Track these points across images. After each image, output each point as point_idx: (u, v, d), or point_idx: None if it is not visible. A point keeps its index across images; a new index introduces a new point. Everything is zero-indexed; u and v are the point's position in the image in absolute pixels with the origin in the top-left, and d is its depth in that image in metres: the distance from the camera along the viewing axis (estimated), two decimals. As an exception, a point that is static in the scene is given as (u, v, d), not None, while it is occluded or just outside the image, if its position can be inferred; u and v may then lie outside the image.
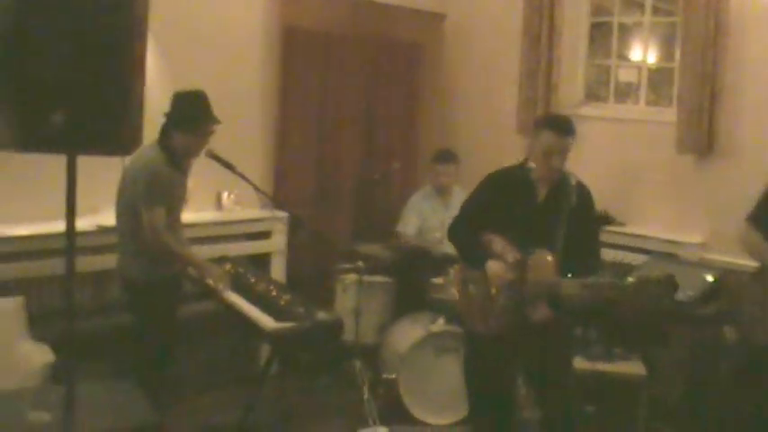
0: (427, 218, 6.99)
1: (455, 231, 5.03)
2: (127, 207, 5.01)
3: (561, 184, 4.62)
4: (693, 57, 6.41)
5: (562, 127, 4.70)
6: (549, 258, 4.47)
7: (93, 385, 3.95)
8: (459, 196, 6.98)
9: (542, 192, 4.72)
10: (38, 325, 5.42)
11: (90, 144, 3.42)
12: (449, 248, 6.75)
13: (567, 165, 4.70)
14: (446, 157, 7.05)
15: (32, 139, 3.35)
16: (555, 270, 4.46)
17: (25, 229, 5.54)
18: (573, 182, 4.59)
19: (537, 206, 4.70)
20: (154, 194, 4.91)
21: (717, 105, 6.41)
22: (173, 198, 5.09)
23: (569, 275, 4.45)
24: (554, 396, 4.78)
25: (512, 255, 4.59)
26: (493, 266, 4.67)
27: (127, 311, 5.42)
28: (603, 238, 6.00)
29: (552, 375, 4.75)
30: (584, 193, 4.70)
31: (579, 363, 5.63)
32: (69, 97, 3.31)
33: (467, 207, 5.04)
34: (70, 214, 3.54)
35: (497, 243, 4.69)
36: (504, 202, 4.74)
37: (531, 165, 4.66)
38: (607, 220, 6.73)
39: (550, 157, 4.62)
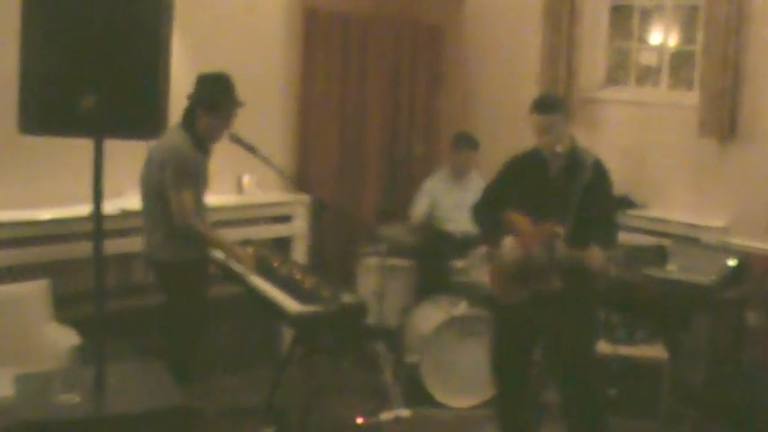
0: (441, 199, 6.95)
1: (476, 211, 5.21)
2: (153, 190, 5.03)
3: (574, 161, 4.74)
4: (716, 40, 6.37)
5: (540, 105, 4.85)
6: (557, 230, 4.60)
7: (120, 367, 3.99)
8: (476, 180, 7.00)
9: (554, 168, 4.82)
10: (64, 308, 5.47)
11: (117, 128, 3.45)
12: (466, 228, 6.81)
13: (590, 146, 4.80)
14: (465, 143, 7.04)
15: (60, 123, 3.38)
16: (562, 242, 4.58)
17: (51, 213, 5.58)
18: (590, 159, 4.73)
19: (549, 182, 4.82)
20: (181, 178, 4.93)
21: (739, 89, 6.36)
22: (198, 181, 5.12)
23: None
24: (572, 377, 4.83)
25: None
26: (507, 242, 4.82)
27: (153, 293, 5.46)
28: (624, 221, 6.02)
29: (570, 356, 4.80)
30: (601, 171, 4.80)
31: (602, 346, 5.64)
32: (97, 82, 3.34)
33: (487, 188, 5.25)
34: (97, 198, 3.57)
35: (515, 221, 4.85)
36: (521, 180, 4.94)
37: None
38: (628, 203, 6.73)
39: (539, 136, 4.80)
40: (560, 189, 4.71)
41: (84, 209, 5.06)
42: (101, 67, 3.33)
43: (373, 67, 7.46)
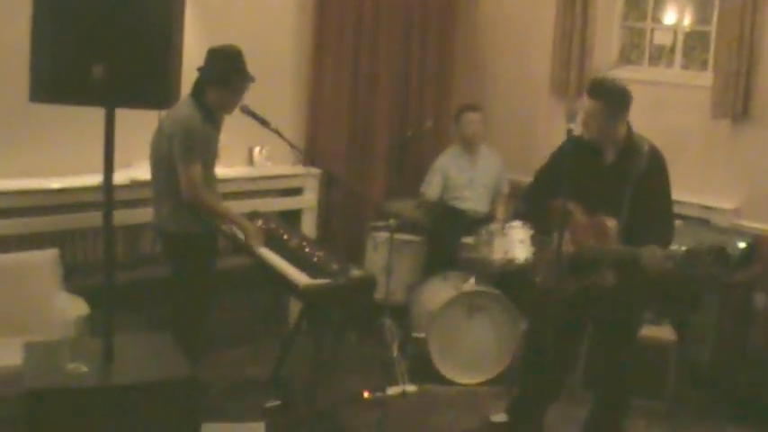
0: (454, 177, 6.92)
1: (525, 198, 5.17)
2: (163, 162, 5.02)
3: (630, 150, 4.58)
4: (731, 21, 6.33)
5: (589, 89, 4.67)
6: (610, 224, 4.49)
7: (128, 337, 4.01)
8: (487, 156, 6.99)
9: (610, 157, 4.66)
10: (73, 277, 5.48)
11: (128, 97, 3.46)
12: (476, 207, 6.80)
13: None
14: (465, 108, 7.01)
15: (71, 92, 3.38)
16: (615, 236, 4.48)
17: (60, 182, 5.58)
18: (645, 148, 4.56)
19: (604, 171, 4.65)
20: (191, 150, 4.92)
21: (753, 70, 6.32)
22: (208, 153, 5.11)
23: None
24: (612, 366, 4.86)
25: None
26: (564, 236, 4.66)
27: (161, 264, 5.47)
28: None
29: (614, 348, 4.80)
30: (656, 159, 4.60)
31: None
32: (108, 51, 3.33)
33: (538, 175, 5.07)
34: (108, 167, 3.57)
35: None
36: (574, 167, 4.54)
37: None
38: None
39: (584, 122, 4.62)
40: (614, 179, 4.52)
41: (94, 178, 5.10)
42: (113, 37, 3.32)
43: (384, 41, 7.42)
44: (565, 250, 4.62)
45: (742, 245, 5.95)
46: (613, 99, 4.60)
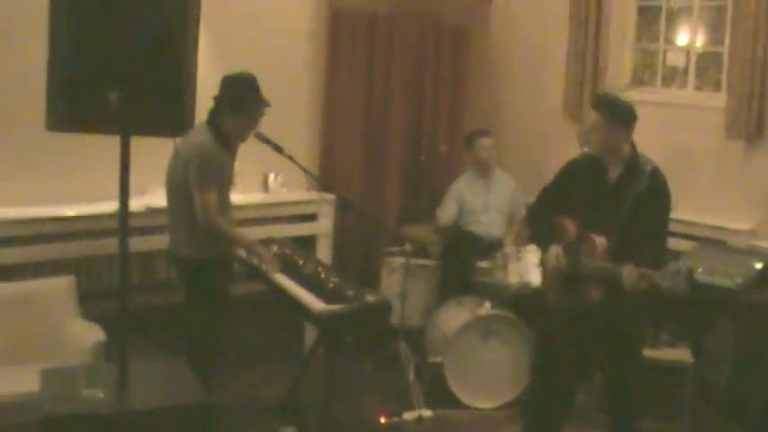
0: (469, 202, 6.92)
1: (530, 215, 5.22)
2: (178, 188, 5.04)
3: (633, 169, 4.61)
4: (744, 42, 6.34)
5: (592, 103, 4.78)
6: (599, 241, 4.51)
7: (143, 363, 4.01)
8: (501, 179, 7.00)
9: (613, 175, 4.68)
10: (89, 304, 5.50)
11: (143, 125, 3.46)
12: (491, 231, 6.80)
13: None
14: (475, 134, 7.04)
15: (87, 121, 3.39)
16: (602, 254, 4.49)
17: (76, 210, 5.61)
18: (648, 168, 4.59)
19: (606, 189, 4.67)
20: (206, 177, 4.94)
21: (767, 91, 6.33)
22: (223, 180, 5.13)
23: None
24: (614, 388, 4.86)
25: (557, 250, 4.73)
26: (551, 251, 4.77)
27: (176, 291, 5.49)
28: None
29: (613, 368, 4.81)
30: (658, 181, 4.62)
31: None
32: (124, 78, 3.35)
33: (543, 191, 5.11)
34: (123, 194, 3.58)
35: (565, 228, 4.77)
36: (578, 185, 4.70)
37: None
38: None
39: (588, 136, 4.69)
40: (614, 198, 4.57)
41: (109, 206, 5.12)
42: (128, 65, 3.34)
43: (398, 66, 7.46)
44: (555, 266, 4.72)
45: (758, 265, 5.93)
46: (614, 111, 4.64)
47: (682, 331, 5.97)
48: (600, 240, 4.51)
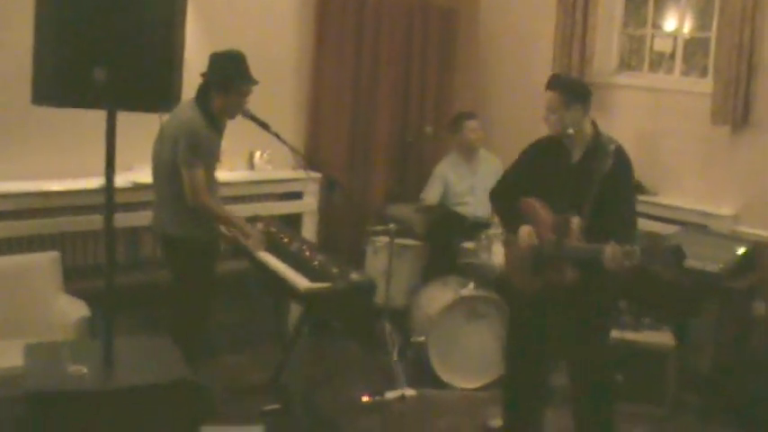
0: (454, 184, 6.96)
1: (495, 196, 5.14)
2: (165, 165, 5.02)
3: (596, 149, 4.62)
4: (731, 28, 6.35)
5: (548, 82, 4.76)
6: (574, 222, 4.50)
7: (128, 340, 4.02)
8: (486, 160, 7.02)
9: (576, 155, 4.69)
10: (73, 280, 5.50)
11: (130, 100, 3.46)
12: (477, 212, 6.82)
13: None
14: (462, 116, 7.07)
15: (73, 95, 3.39)
16: (578, 234, 4.49)
17: (61, 185, 5.60)
18: (611, 147, 4.58)
19: (570, 169, 4.68)
20: (194, 154, 4.92)
21: (753, 77, 6.34)
22: (210, 157, 5.12)
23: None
24: (581, 367, 4.80)
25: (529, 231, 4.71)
26: (523, 230, 4.74)
27: (162, 268, 5.48)
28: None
29: (582, 351, 4.76)
30: (622, 159, 4.63)
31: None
32: (110, 53, 3.34)
33: (508, 172, 5.14)
34: (109, 169, 3.58)
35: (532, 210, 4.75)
36: (542, 166, 4.78)
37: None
38: (639, 189, 6.71)
39: (545, 117, 4.70)
40: (580, 177, 4.57)
41: (95, 182, 5.11)
42: (114, 40, 3.33)
43: (386, 48, 7.44)
44: (528, 246, 4.70)
45: (741, 251, 5.97)
46: (568, 89, 4.68)
47: (664, 315, 6.00)
48: (575, 220, 4.50)
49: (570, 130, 4.62)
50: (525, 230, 4.73)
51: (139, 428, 3.60)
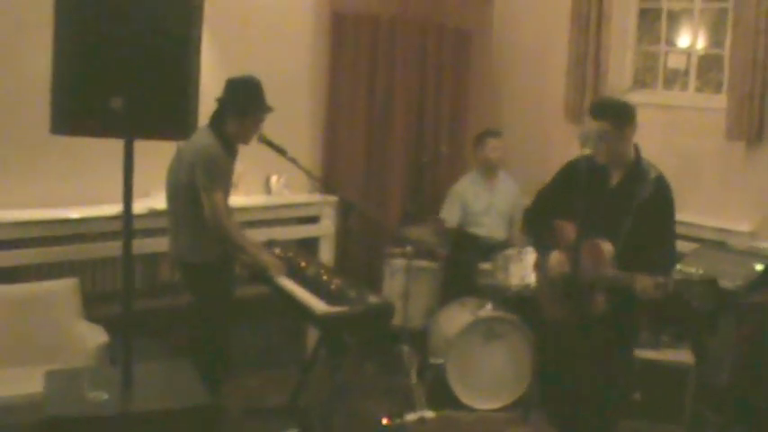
0: (472, 203, 6.96)
1: (528, 218, 5.07)
2: (181, 190, 5.05)
3: (636, 174, 4.50)
4: (744, 43, 6.35)
5: (591, 110, 4.59)
6: (606, 248, 4.41)
7: (147, 365, 4.03)
8: (504, 181, 7.02)
9: (615, 178, 4.57)
10: (92, 306, 5.52)
11: (147, 128, 3.48)
12: (493, 233, 6.82)
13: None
14: (486, 134, 7.05)
15: (91, 124, 3.42)
16: (610, 261, 4.39)
17: (80, 212, 5.63)
18: (652, 174, 4.48)
19: (608, 193, 4.54)
20: (212, 179, 4.94)
21: (767, 92, 6.34)
22: (227, 182, 5.14)
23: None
24: (601, 384, 4.70)
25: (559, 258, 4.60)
26: (554, 258, 4.66)
27: (179, 292, 5.50)
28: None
29: (604, 364, 4.65)
30: (662, 187, 4.51)
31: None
32: (127, 82, 3.37)
33: (541, 193, 5.00)
34: (127, 197, 3.60)
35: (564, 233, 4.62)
36: (578, 187, 4.41)
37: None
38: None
39: (594, 144, 4.46)
40: (617, 202, 4.47)
41: (113, 208, 5.15)
42: (131, 69, 3.36)
43: (400, 69, 7.47)
44: (559, 272, 4.60)
45: (759, 267, 5.94)
46: (618, 116, 4.51)
47: (683, 333, 5.98)
48: (607, 247, 4.40)
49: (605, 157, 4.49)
50: (555, 258, 4.65)
51: (159, 453, 3.62)
